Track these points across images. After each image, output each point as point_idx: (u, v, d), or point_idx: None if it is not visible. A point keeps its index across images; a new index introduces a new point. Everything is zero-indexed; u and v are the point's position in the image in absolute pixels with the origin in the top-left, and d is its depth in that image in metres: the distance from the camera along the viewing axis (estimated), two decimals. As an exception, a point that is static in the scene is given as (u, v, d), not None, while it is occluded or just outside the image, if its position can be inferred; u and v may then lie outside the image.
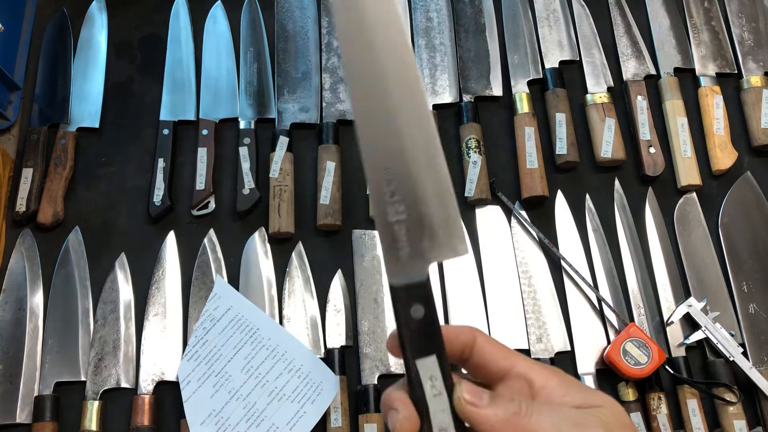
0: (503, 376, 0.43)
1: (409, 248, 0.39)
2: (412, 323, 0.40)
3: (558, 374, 0.43)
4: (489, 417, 0.39)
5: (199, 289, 0.92)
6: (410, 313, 0.40)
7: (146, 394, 0.86)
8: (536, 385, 0.42)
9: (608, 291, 0.91)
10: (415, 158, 0.38)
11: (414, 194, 0.39)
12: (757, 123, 0.98)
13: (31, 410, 0.86)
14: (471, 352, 0.44)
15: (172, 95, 1.03)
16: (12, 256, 0.94)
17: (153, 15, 1.10)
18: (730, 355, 0.85)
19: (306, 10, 1.08)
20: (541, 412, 0.39)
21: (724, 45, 1.04)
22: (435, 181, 0.39)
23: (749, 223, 0.94)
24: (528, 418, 0.39)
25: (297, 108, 1.01)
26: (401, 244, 0.39)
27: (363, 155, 0.38)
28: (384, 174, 0.38)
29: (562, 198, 0.96)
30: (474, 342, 0.43)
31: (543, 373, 0.42)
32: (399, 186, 0.38)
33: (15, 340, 0.89)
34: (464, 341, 0.43)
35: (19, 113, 1.04)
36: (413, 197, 0.39)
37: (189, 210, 0.97)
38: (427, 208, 0.39)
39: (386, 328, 0.90)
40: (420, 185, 0.39)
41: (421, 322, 0.40)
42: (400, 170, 0.38)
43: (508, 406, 0.39)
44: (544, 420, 0.39)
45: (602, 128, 0.97)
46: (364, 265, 0.93)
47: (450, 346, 0.42)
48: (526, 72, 1.02)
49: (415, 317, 0.40)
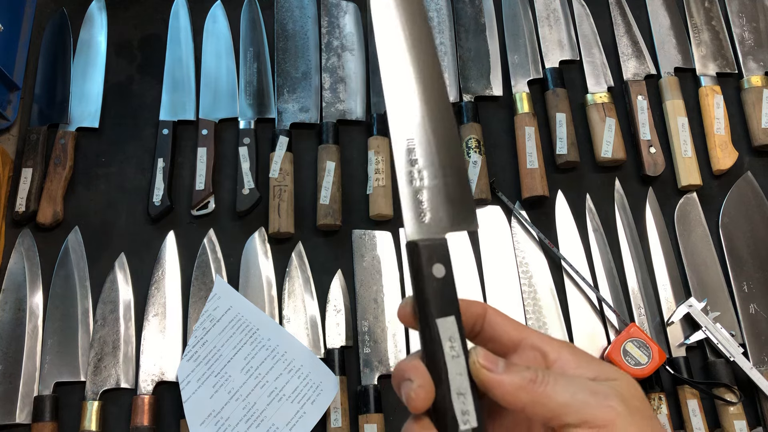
0: (515, 347, 0.43)
1: (431, 212, 0.42)
2: (434, 282, 0.40)
3: (570, 347, 0.42)
4: (504, 383, 0.39)
5: (198, 289, 0.92)
6: (432, 271, 0.40)
7: (146, 395, 0.86)
8: (550, 357, 0.42)
9: (608, 291, 0.91)
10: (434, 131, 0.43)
11: (434, 164, 0.43)
12: (757, 123, 0.98)
13: (30, 410, 0.86)
14: (482, 325, 0.43)
15: (172, 95, 1.03)
16: (11, 256, 0.94)
17: (153, 15, 1.10)
18: (731, 355, 0.85)
19: (306, 10, 1.08)
20: (558, 381, 0.39)
21: (724, 45, 1.04)
22: (453, 158, 0.43)
23: (750, 223, 0.94)
24: (545, 387, 0.38)
25: (297, 108, 1.01)
26: (423, 207, 0.42)
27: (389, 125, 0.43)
28: (407, 143, 0.43)
29: (562, 198, 0.96)
30: (485, 314, 0.43)
31: (556, 345, 0.42)
32: (420, 153, 0.43)
33: (15, 340, 0.89)
34: (475, 313, 0.43)
35: (19, 113, 1.04)
36: (433, 167, 0.43)
37: (189, 210, 0.97)
38: (445, 177, 0.42)
39: (386, 328, 0.90)
40: (439, 157, 0.43)
41: (442, 282, 0.40)
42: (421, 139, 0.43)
43: (524, 373, 0.39)
44: (562, 389, 0.39)
45: (602, 128, 0.97)
46: (364, 265, 0.93)
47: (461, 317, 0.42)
48: (526, 72, 1.02)
49: (437, 276, 0.40)
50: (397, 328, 0.90)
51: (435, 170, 0.42)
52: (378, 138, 0.97)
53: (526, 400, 0.39)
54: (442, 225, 0.42)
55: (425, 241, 0.41)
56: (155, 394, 0.86)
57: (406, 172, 0.42)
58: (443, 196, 0.42)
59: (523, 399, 0.39)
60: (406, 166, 0.42)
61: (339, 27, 1.07)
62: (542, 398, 0.38)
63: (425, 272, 0.40)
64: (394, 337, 0.89)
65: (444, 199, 0.42)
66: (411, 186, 0.42)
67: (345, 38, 1.06)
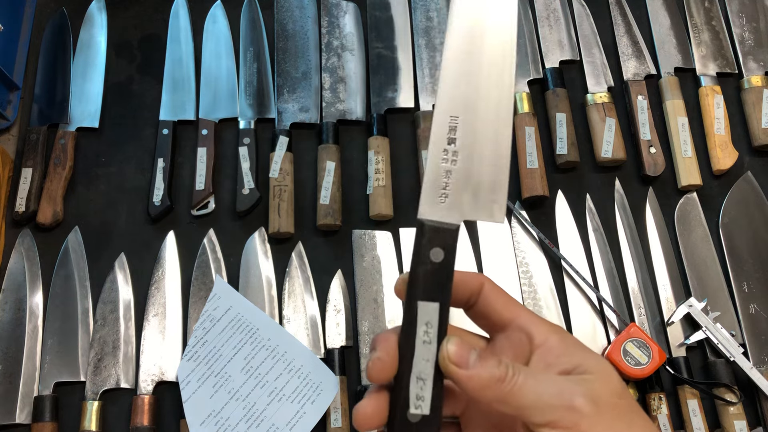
0: (505, 326, 0.42)
1: (451, 196, 0.40)
2: (429, 265, 0.40)
3: (559, 332, 0.42)
4: (472, 379, 0.38)
5: (198, 289, 0.92)
6: (430, 254, 0.39)
7: (146, 395, 0.86)
8: (536, 340, 0.41)
9: (608, 291, 0.91)
10: (486, 117, 0.40)
11: (472, 148, 0.40)
12: (757, 123, 0.98)
13: (30, 410, 0.86)
14: (477, 299, 0.43)
15: (172, 95, 1.03)
16: (11, 256, 0.94)
17: (153, 15, 1.10)
18: (731, 355, 0.85)
19: (306, 10, 1.08)
20: (527, 380, 0.38)
21: (724, 45, 1.04)
22: (496, 145, 0.40)
23: (750, 223, 0.94)
24: (511, 386, 0.38)
25: (297, 108, 1.01)
26: (445, 190, 0.40)
27: (438, 97, 0.40)
28: (450, 120, 0.40)
29: (563, 198, 0.96)
30: (481, 288, 0.43)
31: (544, 329, 0.42)
32: (461, 135, 0.40)
33: (14, 340, 0.89)
34: (472, 287, 0.43)
35: (19, 113, 1.04)
36: (470, 150, 0.40)
37: (189, 210, 0.97)
38: (480, 166, 0.40)
39: (386, 328, 0.90)
40: (480, 142, 0.40)
41: (437, 267, 0.40)
42: (467, 120, 0.40)
43: (493, 371, 0.38)
44: (529, 390, 0.38)
45: (602, 128, 0.97)
46: (364, 265, 0.93)
47: (456, 290, 0.42)
48: (526, 72, 1.02)
49: (433, 260, 0.40)
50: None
51: (472, 155, 0.40)
52: (378, 138, 0.97)
53: (491, 397, 0.38)
54: (460, 210, 0.40)
55: (433, 222, 0.40)
56: (155, 394, 0.86)
57: (439, 150, 0.40)
58: (472, 182, 0.40)
59: (489, 396, 0.38)
60: (440, 143, 0.40)
61: (339, 27, 1.07)
62: (508, 397, 0.38)
63: (422, 253, 0.39)
64: (394, 337, 0.89)
65: (472, 185, 0.40)
66: (439, 165, 0.40)
67: (345, 38, 1.06)
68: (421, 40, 1.05)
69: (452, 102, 0.40)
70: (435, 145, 0.40)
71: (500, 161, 0.41)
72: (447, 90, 0.40)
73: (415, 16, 1.07)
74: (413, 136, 1.00)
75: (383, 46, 1.05)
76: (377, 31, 1.06)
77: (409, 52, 1.05)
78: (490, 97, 0.40)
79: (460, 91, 0.40)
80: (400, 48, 1.05)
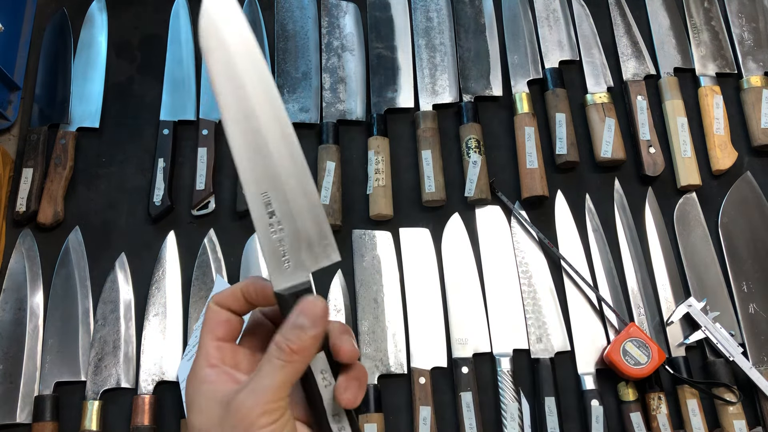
0: None
1: (292, 260, 0.44)
2: None
3: None
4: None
5: (199, 289, 0.92)
6: None
7: (146, 394, 0.86)
8: None
9: (608, 291, 0.91)
10: (288, 182, 0.43)
11: (290, 213, 0.44)
12: (756, 123, 0.98)
13: (31, 410, 0.86)
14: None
15: (172, 95, 1.03)
16: (12, 256, 0.94)
17: (153, 15, 1.10)
18: (730, 355, 0.85)
19: (306, 10, 1.08)
20: None
21: (724, 45, 1.04)
22: (306, 199, 0.44)
23: (749, 223, 0.94)
24: None
25: (297, 108, 1.01)
26: (285, 257, 0.44)
27: (242, 182, 0.43)
28: (263, 198, 0.43)
29: (562, 198, 0.96)
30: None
31: None
32: (276, 206, 0.43)
33: (15, 340, 0.89)
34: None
35: (19, 113, 1.04)
36: (289, 215, 0.44)
37: (189, 210, 0.97)
38: (303, 222, 0.44)
39: (386, 328, 0.90)
40: (294, 202, 0.44)
41: None
42: (276, 191, 0.43)
43: None
44: None
45: (602, 128, 0.97)
46: (364, 265, 0.93)
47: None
48: (526, 72, 1.02)
49: None
50: (397, 327, 0.90)
51: (293, 217, 0.44)
52: (378, 138, 0.98)
53: None
54: (304, 267, 0.44)
55: (290, 289, 0.44)
56: (155, 394, 0.87)
57: (265, 226, 0.43)
58: (303, 239, 0.44)
59: None
60: (264, 220, 0.43)
61: (339, 27, 1.07)
62: None
63: None
64: (394, 336, 0.90)
65: (304, 242, 0.44)
66: (272, 239, 0.43)
67: (345, 38, 1.06)
68: (421, 40, 1.05)
69: (257, 182, 0.43)
70: (259, 222, 0.43)
71: (316, 210, 0.44)
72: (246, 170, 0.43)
73: (415, 17, 1.07)
74: (413, 136, 1.00)
75: (383, 46, 1.05)
76: (377, 32, 1.06)
77: (409, 52, 1.05)
78: (282, 156, 0.43)
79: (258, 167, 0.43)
80: (400, 48, 1.05)
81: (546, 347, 0.89)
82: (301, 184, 0.44)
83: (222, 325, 0.46)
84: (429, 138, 0.97)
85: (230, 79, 0.43)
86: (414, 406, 0.86)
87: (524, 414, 0.85)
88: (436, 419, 0.85)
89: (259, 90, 0.43)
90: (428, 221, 0.96)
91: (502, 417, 0.85)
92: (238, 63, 0.43)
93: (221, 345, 0.45)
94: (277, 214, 0.43)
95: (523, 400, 0.85)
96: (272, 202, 0.43)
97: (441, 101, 1.01)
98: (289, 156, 0.43)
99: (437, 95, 1.02)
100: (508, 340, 0.89)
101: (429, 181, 0.95)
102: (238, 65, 0.43)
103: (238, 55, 0.43)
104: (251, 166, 0.43)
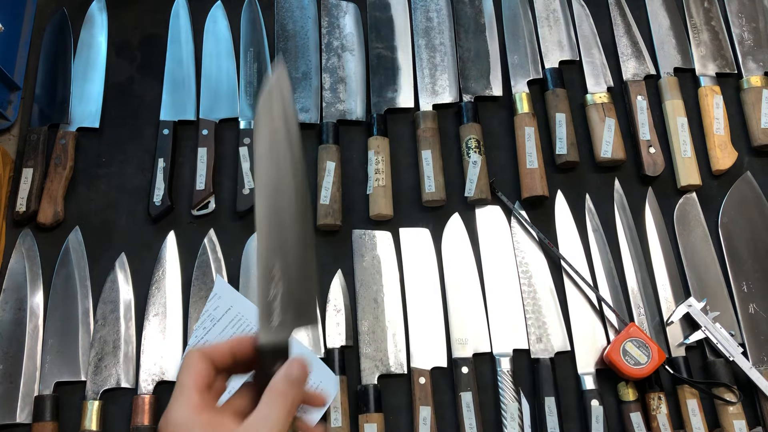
0: None
1: (281, 317, 0.49)
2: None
3: None
4: None
5: (199, 289, 0.92)
6: (274, 370, 0.48)
7: (146, 394, 0.86)
8: None
9: (608, 291, 0.91)
10: (295, 257, 0.50)
11: (289, 279, 0.49)
12: (756, 123, 0.98)
13: (31, 410, 0.86)
14: None
15: (172, 95, 1.03)
16: (12, 256, 0.94)
17: (153, 15, 1.10)
18: (730, 355, 0.85)
19: (306, 10, 1.08)
20: None
21: (724, 45, 1.04)
22: (304, 272, 0.51)
23: (749, 223, 0.94)
24: None
25: (297, 108, 1.01)
26: (275, 315, 0.49)
27: (257, 248, 0.50)
28: (270, 271, 0.49)
29: (562, 198, 0.96)
30: None
31: None
32: (278, 273, 0.49)
33: (15, 340, 0.89)
34: None
35: (19, 113, 1.04)
36: (288, 281, 0.50)
37: (189, 210, 0.97)
38: (296, 289, 0.50)
39: (386, 328, 0.90)
40: (294, 272, 0.50)
41: None
42: (282, 262, 0.49)
43: None
44: None
45: (602, 128, 0.97)
46: (364, 265, 0.93)
47: None
48: (526, 72, 1.02)
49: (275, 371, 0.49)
50: (397, 328, 0.90)
51: (289, 280, 0.49)
52: (378, 138, 0.98)
53: None
54: (286, 330, 0.49)
55: (270, 345, 0.49)
56: (155, 394, 0.87)
57: (265, 286, 0.49)
58: (290, 303, 0.49)
59: None
60: (266, 281, 0.49)
61: (339, 27, 1.07)
62: None
63: (268, 372, 0.48)
64: (394, 336, 0.90)
65: (291, 307, 0.49)
66: (268, 295, 0.49)
67: (345, 38, 1.06)
68: (421, 40, 1.05)
69: (269, 255, 0.49)
70: (263, 282, 0.49)
71: (308, 281, 0.51)
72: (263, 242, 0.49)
73: (415, 17, 1.07)
74: (413, 136, 1.00)
75: (383, 46, 1.05)
76: (377, 32, 1.06)
77: (409, 53, 1.05)
78: (295, 233, 0.50)
79: (272, 241, 0.49)
80: (400, 48, 1.05)
81: (546, 347, 0.89)
82: (306, 257, 0.50)
83: (200, 372, 0.49)
84: (429, 138, 0.97)
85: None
86: (414, 406, 0.86)
87: (524, 414, 0.85)
88: (436, 419, 0.85)
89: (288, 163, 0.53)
90: (428, 221, 0.96)
91: (502, 417, 0.85)
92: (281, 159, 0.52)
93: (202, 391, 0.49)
94: (276, 277, 0.49)
95: (523, 400, 0.85)
96: (276, 271, 0.49)
97: (441, 101, 1.01)
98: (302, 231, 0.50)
99: (437, 95, 1.02)
100: (508, 340, 0.89)
101: (429, 181, 0.95)
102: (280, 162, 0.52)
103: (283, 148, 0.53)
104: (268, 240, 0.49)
